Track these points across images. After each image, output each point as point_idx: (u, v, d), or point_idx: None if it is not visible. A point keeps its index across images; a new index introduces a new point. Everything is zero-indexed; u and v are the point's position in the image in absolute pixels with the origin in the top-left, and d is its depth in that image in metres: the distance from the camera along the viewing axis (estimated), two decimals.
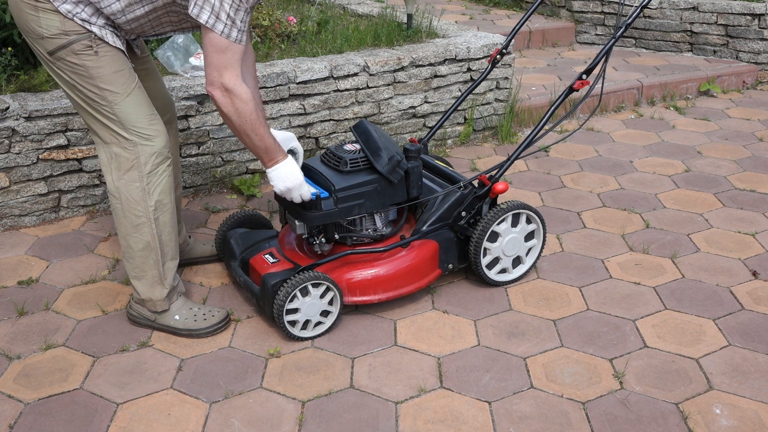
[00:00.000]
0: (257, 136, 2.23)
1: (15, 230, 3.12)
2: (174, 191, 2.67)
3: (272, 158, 2.30)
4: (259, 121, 2.22)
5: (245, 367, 2.30)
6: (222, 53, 2.12)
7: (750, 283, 2.80)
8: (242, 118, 2.18)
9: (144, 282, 2.39)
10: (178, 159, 2.71)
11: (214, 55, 2.12)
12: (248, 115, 2.18)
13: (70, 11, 2.11)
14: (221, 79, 2.13)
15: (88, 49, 2.15)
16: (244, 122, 2.19)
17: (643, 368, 2.31)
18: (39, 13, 2.11)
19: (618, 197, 3.53)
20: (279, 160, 2.31)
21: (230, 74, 2.13)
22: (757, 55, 5.29)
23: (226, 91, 2.14)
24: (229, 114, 2.18)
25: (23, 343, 2.41)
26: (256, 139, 2.24)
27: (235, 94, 2.14)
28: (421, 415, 2.11)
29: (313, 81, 3.54)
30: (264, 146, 2.27)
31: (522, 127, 4.37)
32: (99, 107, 2.21)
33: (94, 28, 2.14)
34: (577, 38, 5.99)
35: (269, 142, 2.27)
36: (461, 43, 4.02)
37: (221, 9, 2.06)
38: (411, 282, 2.57)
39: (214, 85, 2.15)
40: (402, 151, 2.56)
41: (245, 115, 2.18)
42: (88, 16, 2.13)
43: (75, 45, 2.14)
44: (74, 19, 2.12)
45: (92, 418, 2.09)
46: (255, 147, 2.26)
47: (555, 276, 2.84)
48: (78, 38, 2.14)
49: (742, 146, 4.19)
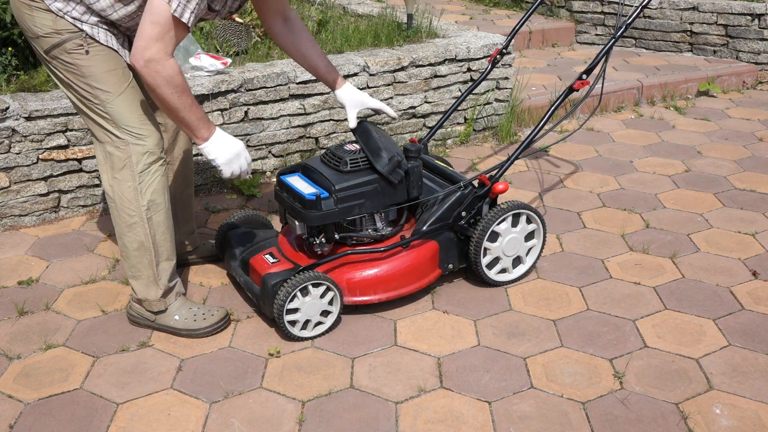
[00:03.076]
0: (186, 108, 2.11)
1: (15, 230, 3.12)
2: (180, 190, 2.69)
3: (209, 127, 2.19)
4: (186, 93, 2.10)
5: (245, 367, 2.30)
6: (160, 26, 2.00)
7: (750, 283, 2.80)
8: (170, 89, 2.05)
9: (140, 282, 2.39)
10: (191, 156, 2.70)
11: (151, 26, 2.01)
12: (175, 87, 2.05)
13: (62, 9, 2.11)
14: (149, 51, 2.00)
15: (80, 47, 2.15)
16: (172, 95, 2.07)
17: (643, 368, 2.31)
18: (33, 12, 2.12)
19: (618, 197, 3.53)
20: (213, 129, 2.21)
21: (158, 48, 2.01)
22: (757, 55, 5.29)
23: (149, 62, 2.01)
24: (154, 86, 2.05)
25: (23, 343, 2.41)
26: (186, 112, 2.11)
27: (161, 67, 2.02)
28: (421, 415, 2.11)
29: (313, 81, 3.54)
30: (195, 118, 2.15)
31: (522, 127, 4.37)
32: (92, 106, 2.22)
33: (85, 26, 2.15)
34: (577, 38, 5.99)
35: (199, 113, 2.16)
36: (461, 43, 4.02)
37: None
38: (411, 282, 2.57)
39: (137, 56, 2.01)
40: (402, 151, 2.56)
41: (173, 86, 2.05)
42: (80, 14, 2.13)
43: (67, 44, 2.14)
44: (65, 18, 2.12)
45: (92, 418, 2.09)
46: (184, 120, 2.14)
47: (555, 276, 2.84)
48: (70, 37, 2.14)
49: (742, 146, 4.19)
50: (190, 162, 2.69)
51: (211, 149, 2.22)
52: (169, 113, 2.15)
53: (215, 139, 2.21)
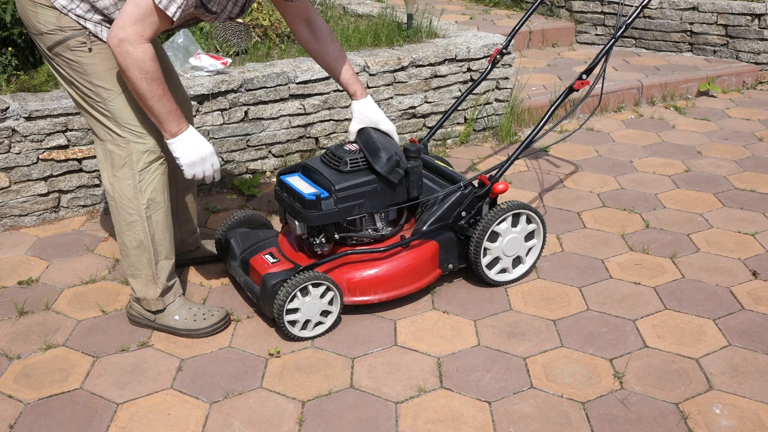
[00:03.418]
0: (156, 97, 2.09)
1: (15, 230, 3.12)
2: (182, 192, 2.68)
3: (178, 125, 2.16)
4: (159, 82, 2.08)
5: (245, 367, 2.30)
6: (140, 9, 1.99)
7: (750, 283, 2.80)
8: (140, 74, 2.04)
9: (139, 281, 2.39)
10: None
11: (133, 8, 2.00)
12: (146, 73, 2.04)
13: (66, 6, 2.12)
14: (124, 32, 1.99)
15: (83, 45, 2.16)
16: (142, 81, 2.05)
17: (643, 368, 2.31)
18: (37, 8, 2.13)
19: (618, 197, 3.53)
20: (184, 127, 2.19)
21: (135, 30, 1.99)
22: (757, 55, 5.29)
23: (122, 41, 1.99)
24: (125, 68, 2.03)
25: (23, 343, 2.41)
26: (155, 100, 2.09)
27: (133, 46, 2.00)
28: (421, 415, 2.11)
29: (313, 81, 3.54)
30: (165, 110, 2.12)
31: (522, 127, 4.37)
32: (94, 103, 2.22)
33: (88, 24, 2.15)
34: (577, 38, 5.99)
35: (171, 106, 2.14)
36: (461, 43, 4.02)
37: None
38: (411, 282, 2.57)
39: (114, 35, 1.99)
40: (402, 151, 2.56)
41: (143, 72, 2.03)
42: (83, 12, 2.14)
43: (70, 41, 2.15)
44: (69, 15, 2.13)
45: (92, 418, 2.09)
46: (153, 109, 2.12)
47: (555, 276, 2.84)
48: (73, 34, 2.14)
49: (742, 146, 4.19)
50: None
51: (177, 146, 2.19)
52: (139, 99, 2.12)
53: (185, 137, 2.19)
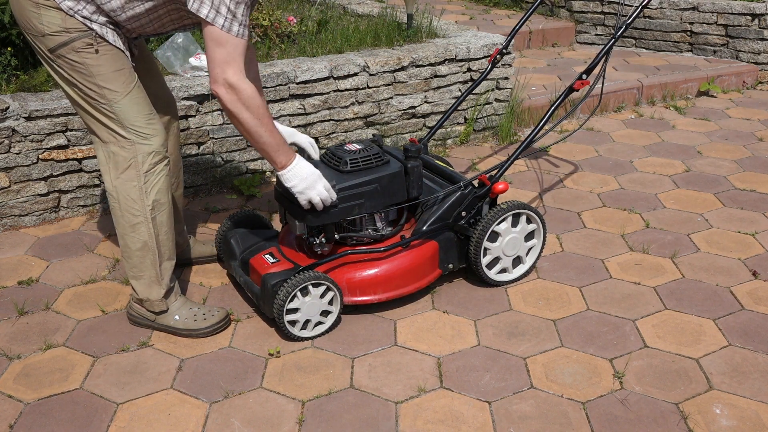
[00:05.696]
0: (267, 132, 2.19)
1: (15, 230, 3.12)
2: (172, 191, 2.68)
3: (287, 156, 2.26)
4: (267, 117, 2.18)
5: (245, 367, 2.30)
6: (223, 47, 2.08)
7: (750, 283, 2.80)
8: (250, 113, 2.14)
9: (142, 282, 2.39)
10: (180, 159, 2.71)
11: (216, 50, 2.09)
12: (255, 109, 2.14)
13: (72, 8, 2.11)
14: (224, 75, 2.09)
15: (89, 47, 2.15)
16: (252, 119, 2.15)
17: (643, 368, 2.31)
18: (41, 10, 2.11)
19: (618, 197, 3.53)
20: (292, 158, 2.27)
21: (233, 70, 2.10)
22: (757, 55, 5.29)
23: (230, 87, 2.10)
24: (235, 112, 2.13)
25: (23, 343, 2.41)
26: (267, 136, 2.19)
27: (239, 89, 2.10)
28: (421, 415, 2.11)
29: (313, 81, 3.54)
30: (275, 143, 2.22)
31: (522, 127, 4.37)
32: (98, 105, 2.22)
33: (95, 26, 2.15)
34: (577, 38, 6.00)
35: (279, 139, 2.24)
36: (461, 43, 4.02)
37: (221, 3, 2.05)
38: (411, 282, 2.57)
39: (218, 83, 2.11)
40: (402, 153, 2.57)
41: (253, 109, 2.13)
42: (90, 13, 2.13)
43: (76, 43, 2.14)
44: (75, 17, 2.12)
45: (92, 418, 2.09)
46: (265, 145, 2.21)
47: (555, 276, 2.84)
48: (79, 36, 2.14)
49: (742, 146, 4.19)
50: (180, 162, 2.71)
51: (289, 176, 2.27)
52: (251, 138, 2.20)
53: (295, 167, 2.27)
